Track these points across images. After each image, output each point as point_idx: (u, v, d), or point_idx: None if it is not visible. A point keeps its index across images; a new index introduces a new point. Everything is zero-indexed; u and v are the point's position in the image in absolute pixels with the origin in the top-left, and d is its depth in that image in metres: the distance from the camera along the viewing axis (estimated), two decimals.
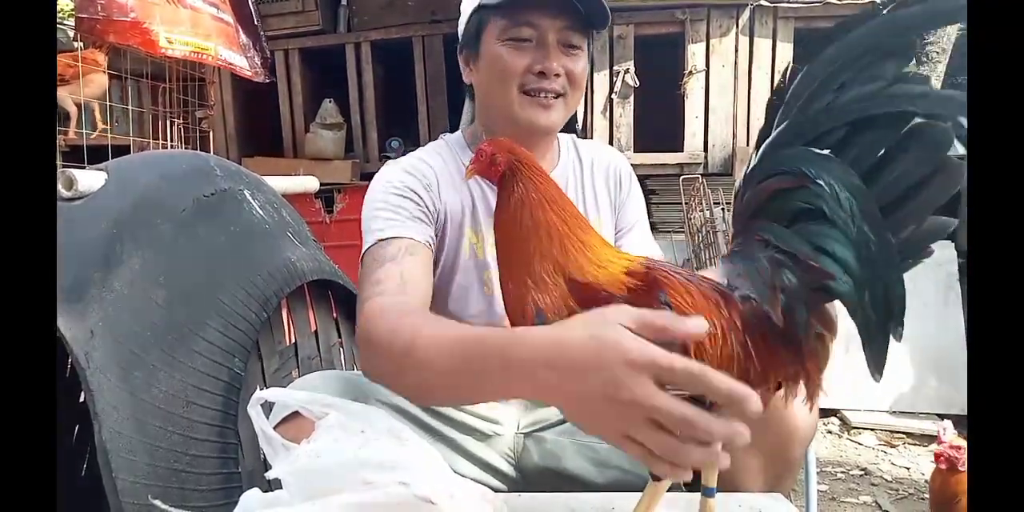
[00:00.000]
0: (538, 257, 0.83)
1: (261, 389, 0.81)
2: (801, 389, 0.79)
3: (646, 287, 0.80)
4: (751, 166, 0.78)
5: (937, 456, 1.52)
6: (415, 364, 0.84)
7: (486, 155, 0.91)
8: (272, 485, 0.80)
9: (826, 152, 0.73)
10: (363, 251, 1.14)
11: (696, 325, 0.69)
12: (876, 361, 0.74)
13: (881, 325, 0.73)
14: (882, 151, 0.72)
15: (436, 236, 1.20)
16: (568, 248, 0.84)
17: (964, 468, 1.48)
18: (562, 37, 1.17)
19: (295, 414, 0.99)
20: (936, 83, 3.68)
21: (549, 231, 0.84)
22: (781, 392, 0.80)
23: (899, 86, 0.70)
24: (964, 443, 1.50)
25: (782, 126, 0.76)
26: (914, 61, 3.44)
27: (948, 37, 3.64)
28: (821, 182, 0.72)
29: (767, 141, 0.77)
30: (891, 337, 0.74)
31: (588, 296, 0.80)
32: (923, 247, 0.72)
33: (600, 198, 1.32)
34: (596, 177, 1.33)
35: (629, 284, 0.80)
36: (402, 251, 1.09)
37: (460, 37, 1.26)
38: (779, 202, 0.76)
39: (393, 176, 1.20)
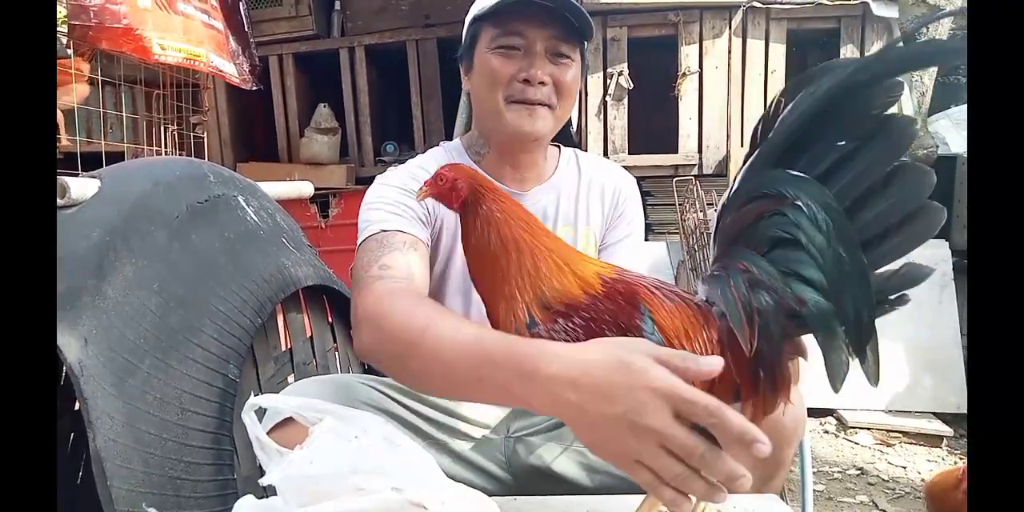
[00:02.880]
0: (513, 272, 0.86)
1: (256, 395, 0.81)
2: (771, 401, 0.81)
3: (618, 294, 0.83)
4: (732, 190, 0.80)
5: None
6: (425, 353, 0.84)
7: (447, 180, 0.90)
8: (267, 492, 0.80)
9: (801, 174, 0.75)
10: (363, 238, 1.14)
11: (710, 364, 0.69)
12: (834, 379, 0.76)
13: (850, 348, 0.75)
14: (865, 186, 0.73)
15: (432, 241, 1.23)
16: (539, 259, 0.86)
17: None
18: (551, 46, 1.19)
19: (289, 419, 1.00)
20: (928, 82, 3.69)
21: (519, 246, 0.87)
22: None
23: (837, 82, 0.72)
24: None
25: (760, 150, 0.78)
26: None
27: (940, 37, 3.66)
28: (800, 203, 0.73)
29: (746, 165, 0.79)
30: (853, 361, 0.76)
31: (567, 302, 0.83)
32: (898, 292, 0.74)
33: (592, 214, 1.33)
34: (592, 193, 1.34)
35: (600, 289, 0.84)
36: (407, 245, 1.11)
37: (460, 47, 1.30)
38: (761, 228, 0.78)
39: (396, 179, 1.23)
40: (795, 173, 0.75)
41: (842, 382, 0.76)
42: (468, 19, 1.26)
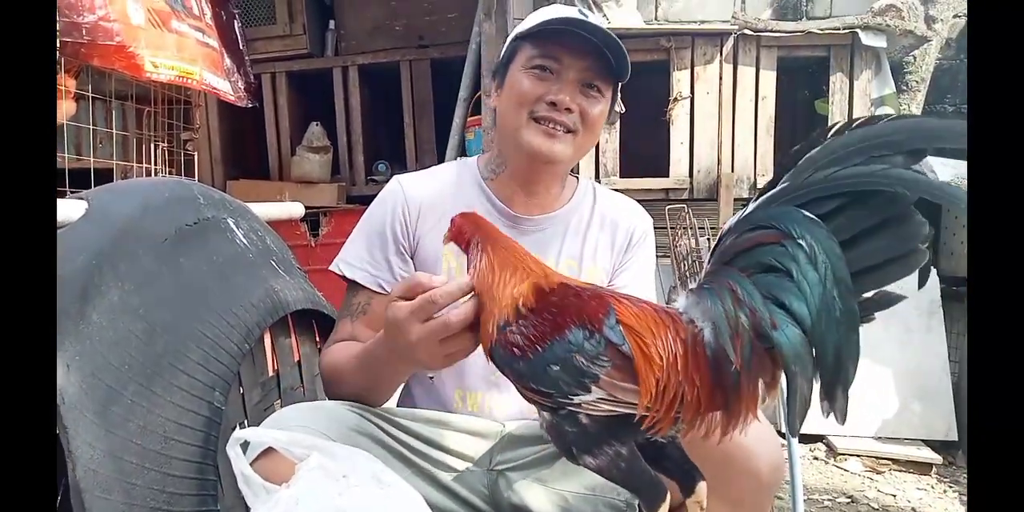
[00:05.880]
0: (501, 287, 0.91)
1: (242, 422, 0.79)
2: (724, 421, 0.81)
3: (586, 293, 0.89)
4: (743, 214, 0.81)
5: None
6: (345, 381, 1.18)
7: (455, 225, 1.01)
8: None
9: (814, 216, 0.76)
10: (334, 269, 1.30)
11: (448, 289, 0.92)
12: (790, 413, 0.77)
13: (822, 386, 0.76)
14: (862, 228, 0.75)
15: (412, 258, 1.28)
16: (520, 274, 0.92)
17: None
18: (584, 77, 1.20)
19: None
20: (916, 110, 3.74)
21: (511, 268, 0.92)
22: (740, 436, 0.83)
23: (897, 170, 0.73)
24: None
25: (781, 185, 0.79)
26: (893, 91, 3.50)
27: (927, 67, 3.71)
28: (803, 242, 0.75)
29: (764, 195, 0.80)
30: (814, 400, 0.77)
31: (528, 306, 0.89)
32: (867, 314, 0.76)
33: (600, 250, 1.33)
34: (603, 230, 1.34)
35: (560, 291, 0.90)
36: (359, 308, 1.28)
37: (496, 64, 1.34)
38: (756, 254, 0.79)
39: (386, 205, 1.30)
40: (808, 214, 0.76)
41: (801, 420, 0.76)
42: (510, 36, 1.28)
